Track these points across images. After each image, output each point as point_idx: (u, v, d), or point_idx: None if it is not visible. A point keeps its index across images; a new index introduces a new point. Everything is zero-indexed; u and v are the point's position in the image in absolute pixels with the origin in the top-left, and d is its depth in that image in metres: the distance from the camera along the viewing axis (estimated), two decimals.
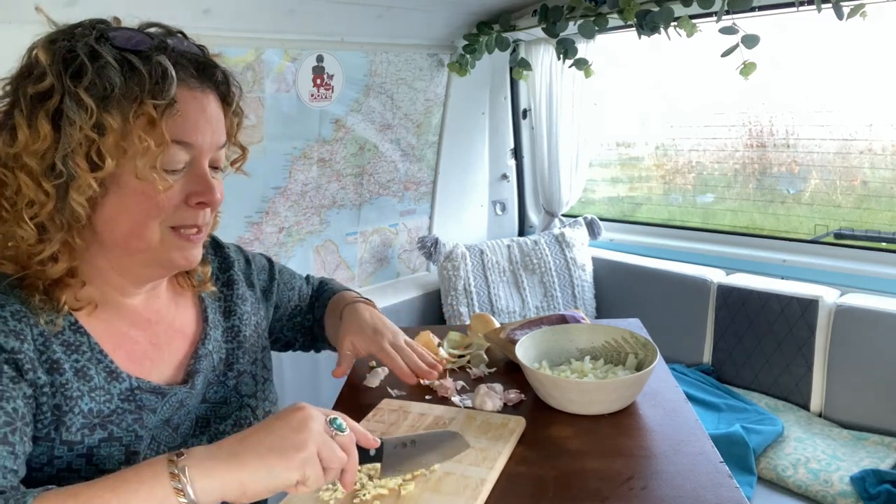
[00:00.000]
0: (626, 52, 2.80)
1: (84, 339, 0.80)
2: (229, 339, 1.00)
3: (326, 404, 1.20)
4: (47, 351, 0.76)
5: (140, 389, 0.83)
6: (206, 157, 0.82)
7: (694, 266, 2.59)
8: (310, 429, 0.71)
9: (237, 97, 0.88)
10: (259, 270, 1.13)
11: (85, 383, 0.79)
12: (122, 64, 0.74)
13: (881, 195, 2.77)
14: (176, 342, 0.93)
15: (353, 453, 0.75)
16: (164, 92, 0.74)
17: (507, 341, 1.24)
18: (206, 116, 0.81)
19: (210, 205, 0.83)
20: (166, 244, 0.81)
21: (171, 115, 0.75)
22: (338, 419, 0.75)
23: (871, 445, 1.97)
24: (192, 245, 0.84)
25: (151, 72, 0.74)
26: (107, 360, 0.81)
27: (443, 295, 2.75)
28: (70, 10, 1.56)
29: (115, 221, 0.78)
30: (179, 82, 0.76)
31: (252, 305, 1.07)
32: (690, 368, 2.44)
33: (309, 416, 0.73)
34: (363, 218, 2.63)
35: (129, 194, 0.77)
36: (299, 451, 0.69)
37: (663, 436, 0.99)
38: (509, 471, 0.92)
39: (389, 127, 2.58)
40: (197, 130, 0.79)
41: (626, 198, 3.56)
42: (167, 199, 0.78)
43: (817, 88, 2.75)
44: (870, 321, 2.08)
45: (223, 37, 1.92)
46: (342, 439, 0.74)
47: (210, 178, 0.82)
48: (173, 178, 0.78)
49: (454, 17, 2.51)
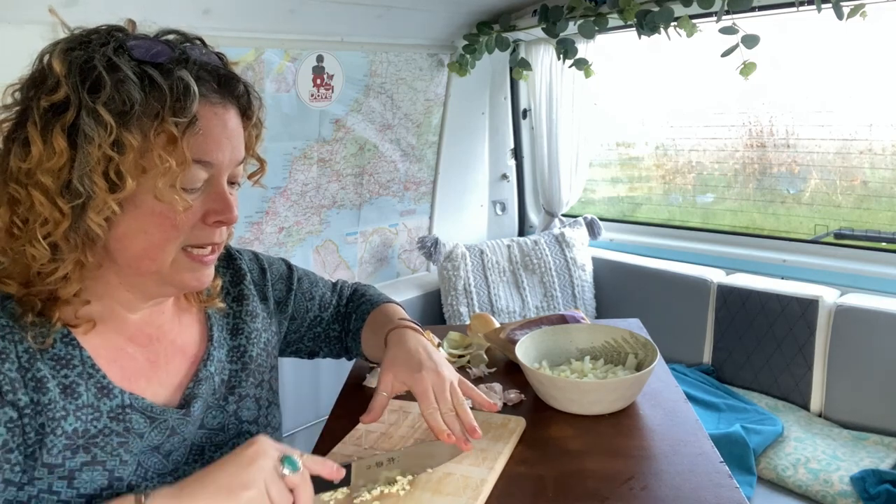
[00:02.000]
0: (626, 52, 2.80)
1: (76, 353, 0.77)
2: (234, 359, 0.95)
3: (326, 406, 1.21)
4: (31, 369, 0.73)
5: (132, 408, 0.79)
6: (225, 174, 0.78)
7: (694, 266, 2.59)
8: (258, 466, 0.72)
9: (257, 109, 0.84)
10: (276, 280, 1.08)
11: (72, 401, 0.75)
12: (141, 78, 0.70)
13: (881, 195, 2.77)
14: (175, 362, 0.88)
15: (303, 491, 0.74)
16: (185, 109, 0.71)
17: (507, 341, 1.24)
18: (227, 133, 0.77)
19: (227, 223, 0.80)
20: (178, 266, 0.78)
21: (192, 133, 0.72)
22: (291, 456, 0.75)
23: (871, 445, 1.97)
24: (205, 266, 0.81)
25: (173, 87, 0.71)
26: (98, 374, 0.77)
27: (443, 295, 2.75)
28: (70, 10, 1.56)
29: (130, 241, 0.75)
30: (201, 98, 0.73)
31: (263, 321, 1.01)
32: (690, 368, 2.44)
33: (259, 453, 0.73)
34: (363, 218, 2.63)
35: (147, 215, 0.74)
36: (246, 489, 0.70)
37: (663, 436, 0.99)
38: (509, 471, 0.92)
39: (389, 127, 2.58)
40: (218, 148, 0.76)
41: (626, 198, 3.56)
42: (185, 220, 0.75)
43: (817, 88, 2.75)
44: (870, 321, 2.08)
45: (223, 37, 1.91)
46: (292, 479, 0.73)
47: (229, 197, 0.79)
48: (192, 198, 0.75)
49: (454, 17, 2.51)
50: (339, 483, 0.81)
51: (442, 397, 0.93)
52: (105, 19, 0.78)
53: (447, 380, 0.95)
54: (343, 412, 1.12)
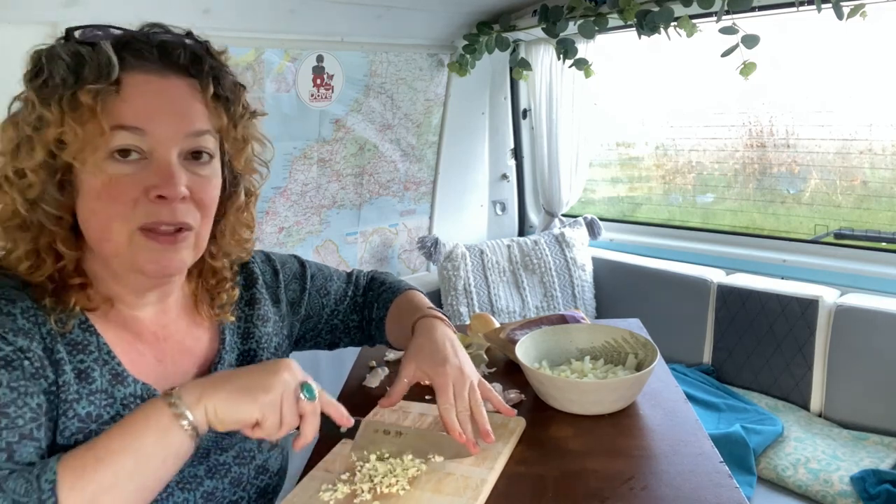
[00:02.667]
0: (626, 52, 2.80)
1: (93, 339, 0.78)
2: (244, 363, 0.95)
3: None
4: (53, 350, 0.75)
5: (144, 399, 0.79)
6: (169, 146, 0.74)
7: (694, 266, 2.59)
8: (281, 379, 0.76)
9: (226, 85, 0.80)
10: (289, 280, 1.07)
11: (85, 385, 0.76)
12: (73, 57, 0.72)
13: (881, 195, 2.77)
14: (184, 364, 0.88)
15: (310, 422, 0.78)
16: (103, 77, 0.71)
17: (507, 341, 1.24)
18: (164, 101, 0.75)
19: (169, 197, 0.74)
20: (135, 247, 0.75)
21: (111, 99, 0.71)
22: (310, 385, 0.78)
23: (871, 445, 1.97)
24: (163, 248, 0.76)
25: (93, 58, 0.72)
26: (114, 361, 0.79)
27: (443, 295, 2.75)
28: (70, 10, 1.56)
29: (87, 223, 0.76)
30: (133, 68, 0.73)
31: (275, 325, 1.01)
32: (690, 368, 2.43)
33: (285, 367, 0.78)
34: (363, 218, 2.63)
35: (90, 193, 0.74)
36: (266, 393, 0.75)
37: (663, 436, 0.99)
38: (509, 471, 0.92)
39: (389, 127, 2.58)
40: (151, 116, 0.73)
41: (626, 198, 3.56)
42: (123, 192, 0.73)
43: (817, 88, 2.75)
44: (870, 321, 2.07)
45: (223, 37, 1.90)
46: (305, 405, 0.77)
47: (172, 169, 0.74)
48: (129, 169, 0.73)
49: (454, 17, 2.51)
50: (346, 433, 0.84)
51: (460, 395, 0.93)
52: (105, 19, 0.78)
53: (469, 379, 0.96)
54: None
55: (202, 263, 0.90)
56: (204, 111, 0.78)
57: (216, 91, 0.79)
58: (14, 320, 0.72)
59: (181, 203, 0.75)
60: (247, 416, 0.74)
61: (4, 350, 0.70)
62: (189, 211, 0.77)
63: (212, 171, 0.80)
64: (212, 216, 0.82)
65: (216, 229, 0.87)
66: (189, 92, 0.77)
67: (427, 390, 1.18)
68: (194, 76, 0.78)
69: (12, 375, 0.70)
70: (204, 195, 0.79)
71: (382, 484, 0.86)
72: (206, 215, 0.80)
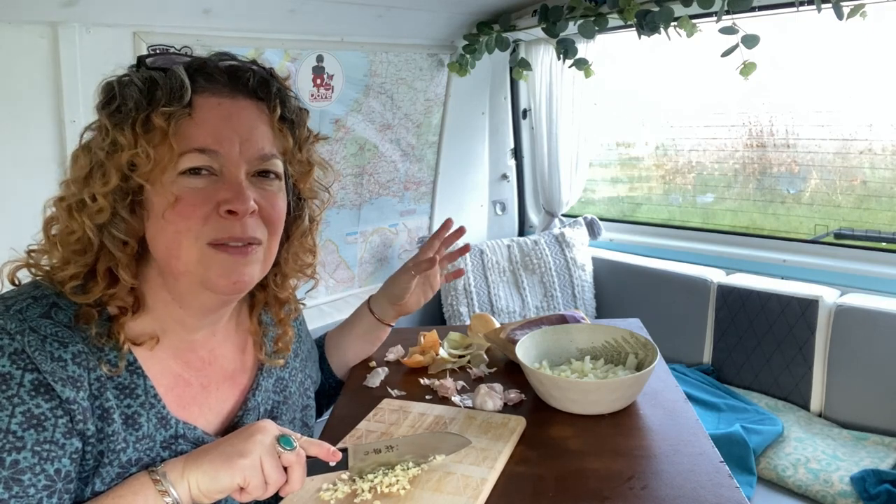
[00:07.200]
0: (626, 52, 2.80)
1: (140, 381, 0.79)
2: (278, 390, 0.98)
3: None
4: (101, 398, 0.75)
5: (184, 438, 0.82)
6: (237, 165, 0.77)
7: (694, 266, 2.59)
8: (257, 440, 0.77)
9: (292, 109, 0.84)
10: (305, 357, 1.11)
11: (133, 432, 0.77)
12: (146, 82, 0.74)
13: (881, 195, 2.78)
14: (224, 389, 0.90)
15: (296, 470, 0.79)
16: (177, 100, 0.73)
17: (507, 341, 1.24)
18: (233, 123, 0.77)
19: (239, 213, 0.76)
20: (205, 261, 0.77)
21: (184, 121, 0.74)
22: (287, 437, 0.80)
23: (871, 445, 1.97)
24: (234, 260, 0.77)
25: (167, 82, 0.74)
26: (160, 404, 0.80)
27: (443, 295, 2.75)
28: (70, 10, 1.56)
29: (156, 242, 0.77)
30: (205, 91, 0.76)
31: (301, 362, 1.06)
32: (690, 368, 2.44)
33: (259, 429, 0.79)
34: (363, 218, 2.63)
35: (160, 212, 0.75)
36: (243, 457, 0.76)
37: (663, 436, 0.99)
38: (509, 471, 0.92)
39: (389, 127, 2.58)
40: (221, 137, 0.76)
41: (626, 198, 3.56)
42: (193, 209, 0.75)
43: (817, 88, 2.76)
44: (870, 321, 2.08)
45: (223, 37, 1.92)
46: (287, 456, 0.78)
47: (241, 185, 0.76)
48: (200, 184, 0.76)
49: (454, 17, 2.51)
50: (337, 466, 0.84)
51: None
52: (105, 19, 0.78)
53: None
54: (344, 412, 1.12)
55: (265, 293, 0.94)
56: (271, 134, 0.82)
57: (283, 114, 0.82)
58: (65, 367, 0.72)
59: (250, 218, 0.78)
60: (228, 484, 0.75)
61: (42, 408, 0.70)
62: (258, 226, 0.79)
63: (279, 188, 0.83)
64: (279, 234, 0.84)
65: (280, 256, 0.89)
66: (257, 114, 0.80)
67: (427, 390, 1.18)
68: (262, 99, 0.81)
69: (41, 437, 0.70)
70: (272, 210, 0.81)
71: (383, 484, 0.86)
72: (274, 232, 0.83)
